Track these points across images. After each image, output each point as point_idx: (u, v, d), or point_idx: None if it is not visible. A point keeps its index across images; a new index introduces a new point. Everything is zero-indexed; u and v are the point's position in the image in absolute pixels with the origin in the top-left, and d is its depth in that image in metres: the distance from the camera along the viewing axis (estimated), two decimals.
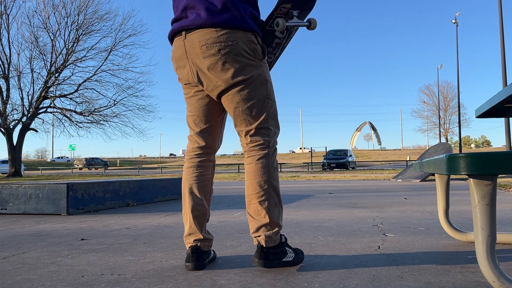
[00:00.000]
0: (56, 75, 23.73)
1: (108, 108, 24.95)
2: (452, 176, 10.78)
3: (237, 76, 1.51)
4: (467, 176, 1.23)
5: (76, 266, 1.69)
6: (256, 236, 1.54)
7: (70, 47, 23.99)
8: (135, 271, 1.58)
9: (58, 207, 3.60)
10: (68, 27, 23.94)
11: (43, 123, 24.27)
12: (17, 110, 23.37)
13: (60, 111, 24.13)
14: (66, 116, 24.11)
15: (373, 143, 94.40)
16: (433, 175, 9.75)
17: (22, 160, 24.70)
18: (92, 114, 24.49)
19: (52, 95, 23.68)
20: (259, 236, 1.53)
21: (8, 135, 22.51)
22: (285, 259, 1.55)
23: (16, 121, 22.98)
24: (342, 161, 27.14)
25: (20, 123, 23.08)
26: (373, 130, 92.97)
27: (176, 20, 1.59)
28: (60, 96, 23.98)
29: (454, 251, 1.85)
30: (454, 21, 27.82)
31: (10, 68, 23.24)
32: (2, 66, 23.09)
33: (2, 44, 23.20)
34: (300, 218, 3.10)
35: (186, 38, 1.53)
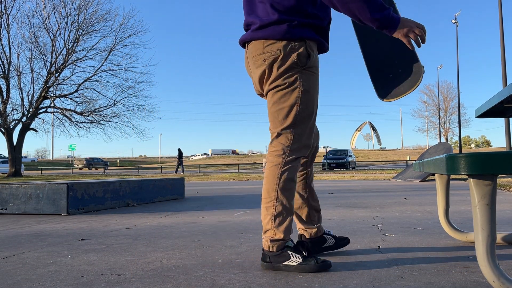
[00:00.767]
0: (56, 75, 23.73)
1: (108, 108, 24.95)
2: (452, 176, 10.78)
3: (275, 82, 1.61)
4: (467, 176, 1.23)
5: (76, 266, 1.69)
6: (263, 238, 1.61)
7: (70, 47, 24.00)
8: (135, 271, 1.58)
9: (58, 207, 3.60)
10: (68, 27, 23.95)
11: (43, 123, 24.28)
12: (17, 110, 23.38)
13: (60, 111, 24.13)
14: (66, 116, 24.11)
15: (373, 143, 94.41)
16: (433, 175, 9.75)
17: (22, 160, 24.68)
18: (92, 114, 24.50)
19: (52, 95, 23.69)
20: (263, 238, 1.61)
21: (8, 135, 22.51)
22: (287, 263, 1.56)
23: (16, 121, 22.99)
24: (342, 161, 27.14)
25: (20, 123, 23.08)
26: (373, 130, 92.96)
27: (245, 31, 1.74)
28: (60, 96, 23.98)
29: (454, 251, 1.85)
30: (454, 21, 27.82)
31: (10, 68, 23.25)
32: (2, 66, 23.10)
33: (2, 44, 23.20)
34: None
35: (247, 50, 1.70)
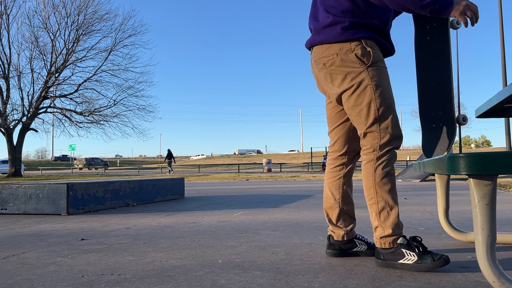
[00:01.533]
0: (56, 75, 23.73)
1: (108, 108, 24.96)
2: (452, 176, 10.77)
3: (342, 85, 1.65)
4: (467, 176, 1.23)
5: (76, 266, 1.69)
6: (374, 235, 1.63)
7: (70, 47, 24.00)
8: (135, 271, 1.58)
9: (58, 207, 3.60)
10: (68, 27, 23.95)
11: (43, 123, 24.28)
12: (17, 110, 23.38)
13: (60, 111, 24.14)
14: (66, 116, 24.12)
15: None
16: (433, 175, 9.75)
17: (22, 160, 24.69)
18: (92, 114, 24.50)
19: (52, 95, 23.69)
20: (374, 235, 1.63)
21: (8, 135, 22.51)
22: (402, 261, 1.55)
23: (16, 121, 22.99)
24: None
25: (20, 123, 23.08)
26: None
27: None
28: (60, 96, 23.98)
29: (454, 251, 1.85)
30: None
31: (10, 68, 23.25)
32: (2, 66, 23.10)
33: (2, 44, 23.20)
34: (300, 218, 3.10)
35: (311, 53, 1.77)
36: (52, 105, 24.05)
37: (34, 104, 23.30)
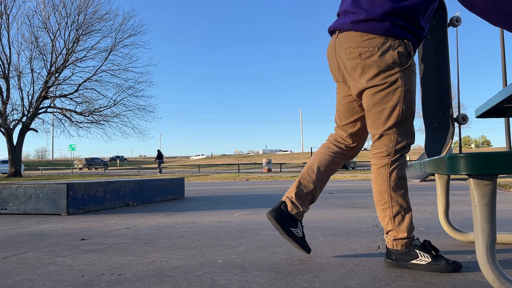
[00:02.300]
0: (56, 75, 23.74)
1: (108, 108, 24.97)
2: (452, 176, 10.77)
3: (372, 81, 1.57)
4: (467, 176, 1.23)
5: (76, 266, 1.69)
6: (385, 237, 1.62)
7: (70, 47, 24.00)
8: (135, 271, 1.58)
9: (58, 207, 3.60)
10: (68, 27, 23.96)
11: (43, 123, 24.29)
12: (17, 110, 23.39)
13: (60, 111, 24.14)
14: (66, 116, 24.12)
15: None
16: (433, 175, 9.75)
17: (22, 160, 24.69)
18: (92, 114, 24.51)
19: (52, 95, 23.69)
20: (386, 237, 1.62)
21: (8, 135, 22.51)
22: (414, 261, 1.55)
23: (16, 121, 22.99)
24: None
25: (20, 123, 23.08)
26: None
27: (338, 17, 1.71)
28: (60, 96, 23.99)
29: (454, 251, 1.85)
30: None
31: (10, 68, 23.26)
32: (2, 66, 23.10)
33: (2, 44, 23.21)
34: None
35: (338, 38, 1.65)
36: (52, 105, 24.05)
37: (34, 104, 23.31)
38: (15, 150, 22.67)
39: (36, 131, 23.85)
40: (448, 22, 1.88)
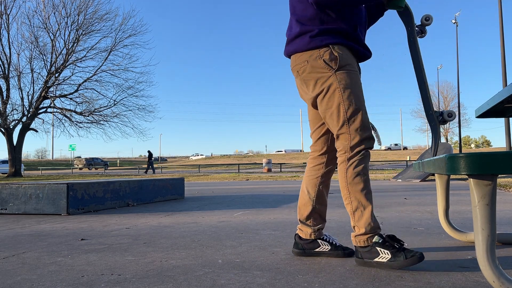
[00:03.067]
0: (56, 75, 23.74)
1: (108, 108, 24.96)
2: (452, 176, 10.78)
3: (315, 90, 1.74)
4: (467, 176, 1.23)
5: (76, 266, 1.69)
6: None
7: (70, 47, 24.00)
8: (135, 271, 1.58)
9: (58, 207, 3.60)
10: (68, 27, 23.95)
11: (43, 123, 24.28)
12: (17, 110, 23.38)
13: (60, 111, 24.14)
14: (66, 116, 24.12)
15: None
16: (433, 175, 9.75)
17: (22, 160, 24.70)
18: (92, 114, 24.50)
19: (52, 95, 23.69)
20: (352, 234, 1.68)
21: (8, 135, 22.51)
22: (377, 260, 1.59)
23: (16, 121, 22.99)
24: None
25: (20, 123, 23.08)
26: (373, 130, 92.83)
27: None
28: (60, 96, 23.98)
29: (454, 251, 1.85)
30: (454, 21, 27.83)
31: (10, 68, 23.25)
32: (2, 66, 23.10)
33: (2, 44, 23.20)
34: None
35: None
36: (52, 105, 24.05)
37: (34, 104, 23.31)
38: (15, 150, 22.67)
39: (36, 131, 23.85)
40: (418, 25, 1.94)
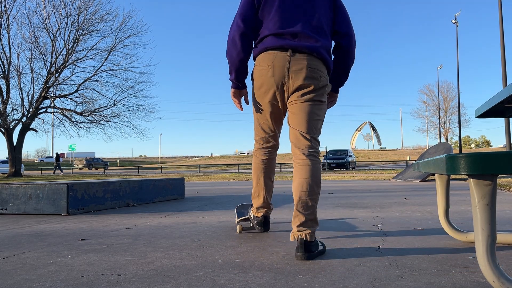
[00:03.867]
0: (56, 75, 23.73)
1: (108, 108, 24.95)
2: (452, 176, 10.77)
3: None
4: (467, 176, 1.23)
5: (76, 266, 1.69)
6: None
7: (70, 47, 23.99)
8: (135, 271, 1.58)
9: (58, 207, 3.60)
10: (68, 27, 23.94)
11: (43, 123, 24.28)
12: (17, 110, 23.37)
13: (60, 111, 24.13)
14: (66, 116, 24.11)
15: (373, 143, 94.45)
16: (433, 175, 9.75)
17: (22, 160, 24.69)
18: (92, 114, 24.50)
19: (52, 95, 23.68)
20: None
21: (8, 135, 22.50)
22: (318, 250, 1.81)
23: (16, 121, 22.98)
24: (342, 161, 27.12)
25: (20, 123, 23.07)
26: (373, 130, 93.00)
27: None
28: (60, 96, 23.98)
29: (454, 251, 1.85)
30: (454, 21, 27.83)
31: (10, 68, 23.24)
32: (2, 66, 23.09)
33: (2, 44, 23.20)
34: None
35: None
36: (52, 105, 24.04)
37: (34, 104, 23.30)
38: (15, 150, 22.66)
39: (36, 131, 23.84)
40: None
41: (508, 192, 5.47)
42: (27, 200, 3.67)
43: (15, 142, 22.73)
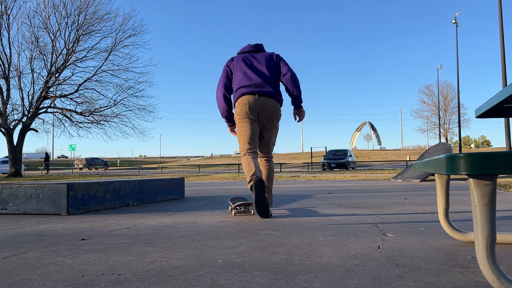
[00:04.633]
0: (57, 75, 23.74)
1: (109, 108, 24.97)
2: (452, 176, 10.77)
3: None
4: (467, 176, 1.23)
5: (76, 266, 1.69)
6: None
7: (70, 47, 24.01)
8: (135, 271, 1.58)
9: (58, 207, 3.60)
10: (68, 27, 23.96)
11: (43, 123, 24.30)
12: (17, 110, 23.39)
13: (60, 111, 24.14)
14: (67, 116, 24.13)
15: (373, 143, 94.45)
16: (433, 175, 9.75)
17: (22, 160, 24.70)
18: (92, 114, 24.51)
19: (52, 95, 23.70)
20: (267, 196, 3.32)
21: (9, 135, 22.51)
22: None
23: (17, 121, 22.99)
24: (342, 161, 27.11)
25: (21, 123, 23.08)
26: (373, 130, 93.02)
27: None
28: (61, 96, 23.99)
29: (454, 251, 1.85)
30: (454, 21, 27.82)
31: (11, 68, 23.26)
32: (2, 66, 23.10)
33: (3, 44, 23.21)
34: (300, 218, 3.10)
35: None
36: (52, 105, 24.06)
37: (34, 104, 23.31)
38: (15, 150, 22.67)
39: (37, 131, 23.85)
40: None
41: (508, 192, 5.47)
42: (27, 200, 3.67)
43: (15, 142, 22.73)
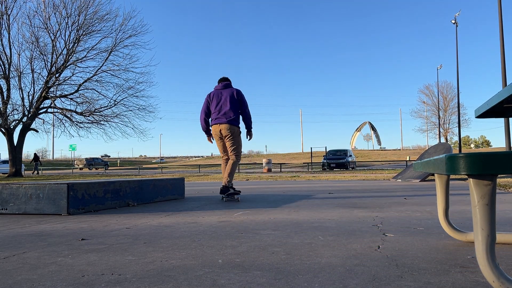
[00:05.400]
0: (57, 75, 23.74)
1: (109, 108, 24.97)
2: (452, 176, 10.77)
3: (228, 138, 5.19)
4: (467, 176, 1.23)
5: (76, 266, 1.69)
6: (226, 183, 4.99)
7: (70, 48, 24.00)
8: (135, 271, 1.59)
9: (59, 207, 3.60)
10: (68, 27, 23.95)
11: (43, 123, 24.30)
12: (17, 110, 23.39)
13: (60, 111, 24.15)
14: (67, 116, 24.13)
15: (372, 143, 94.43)
16: (433, 175, 9.75)
17: (23, 160, 24.71)
18: (93, 114, 24.51)
19: (52, 95, 23.70)
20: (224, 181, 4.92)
21: (9, 135, 22.52)
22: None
23: (17, 121, 23.00)
24: (342, 161, 27.10)
25: (21, 123, 23.09)
26: (373, 130, 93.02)
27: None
28: (61, 96, 23.99)
29: (454, 251, 1.85)
30: (453, 21, 27.83)
31: (11, 68, 23.25)
32: (2, 66, 23.10)
33: (3, 45, 23.21)
34: (300, 218, 3.10)
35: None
36: (52, 105, 24.06)
37: (35, 104, 23.31)
38: (15, 150, 22.67)
39: (37, 131, 23.86)
40: None
41: (508, 192, 5.47)
42: (27, 200, 3.67)
43: (15, 142, 22.74)
